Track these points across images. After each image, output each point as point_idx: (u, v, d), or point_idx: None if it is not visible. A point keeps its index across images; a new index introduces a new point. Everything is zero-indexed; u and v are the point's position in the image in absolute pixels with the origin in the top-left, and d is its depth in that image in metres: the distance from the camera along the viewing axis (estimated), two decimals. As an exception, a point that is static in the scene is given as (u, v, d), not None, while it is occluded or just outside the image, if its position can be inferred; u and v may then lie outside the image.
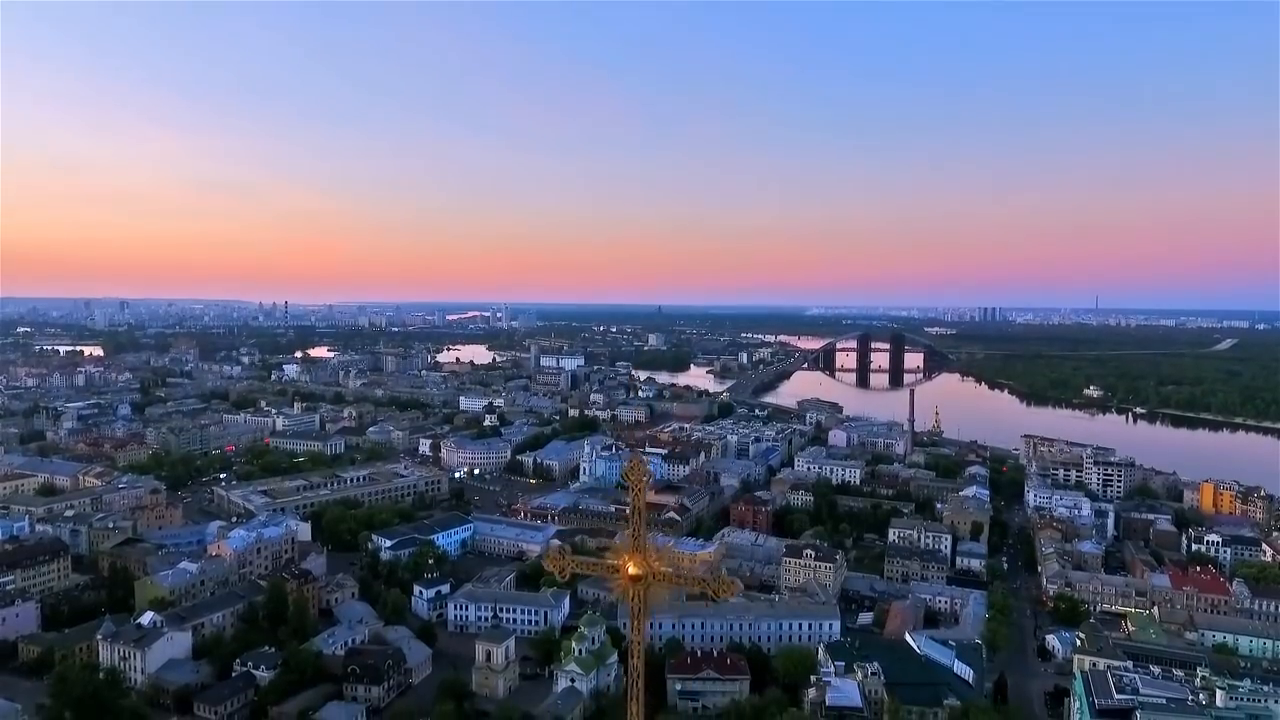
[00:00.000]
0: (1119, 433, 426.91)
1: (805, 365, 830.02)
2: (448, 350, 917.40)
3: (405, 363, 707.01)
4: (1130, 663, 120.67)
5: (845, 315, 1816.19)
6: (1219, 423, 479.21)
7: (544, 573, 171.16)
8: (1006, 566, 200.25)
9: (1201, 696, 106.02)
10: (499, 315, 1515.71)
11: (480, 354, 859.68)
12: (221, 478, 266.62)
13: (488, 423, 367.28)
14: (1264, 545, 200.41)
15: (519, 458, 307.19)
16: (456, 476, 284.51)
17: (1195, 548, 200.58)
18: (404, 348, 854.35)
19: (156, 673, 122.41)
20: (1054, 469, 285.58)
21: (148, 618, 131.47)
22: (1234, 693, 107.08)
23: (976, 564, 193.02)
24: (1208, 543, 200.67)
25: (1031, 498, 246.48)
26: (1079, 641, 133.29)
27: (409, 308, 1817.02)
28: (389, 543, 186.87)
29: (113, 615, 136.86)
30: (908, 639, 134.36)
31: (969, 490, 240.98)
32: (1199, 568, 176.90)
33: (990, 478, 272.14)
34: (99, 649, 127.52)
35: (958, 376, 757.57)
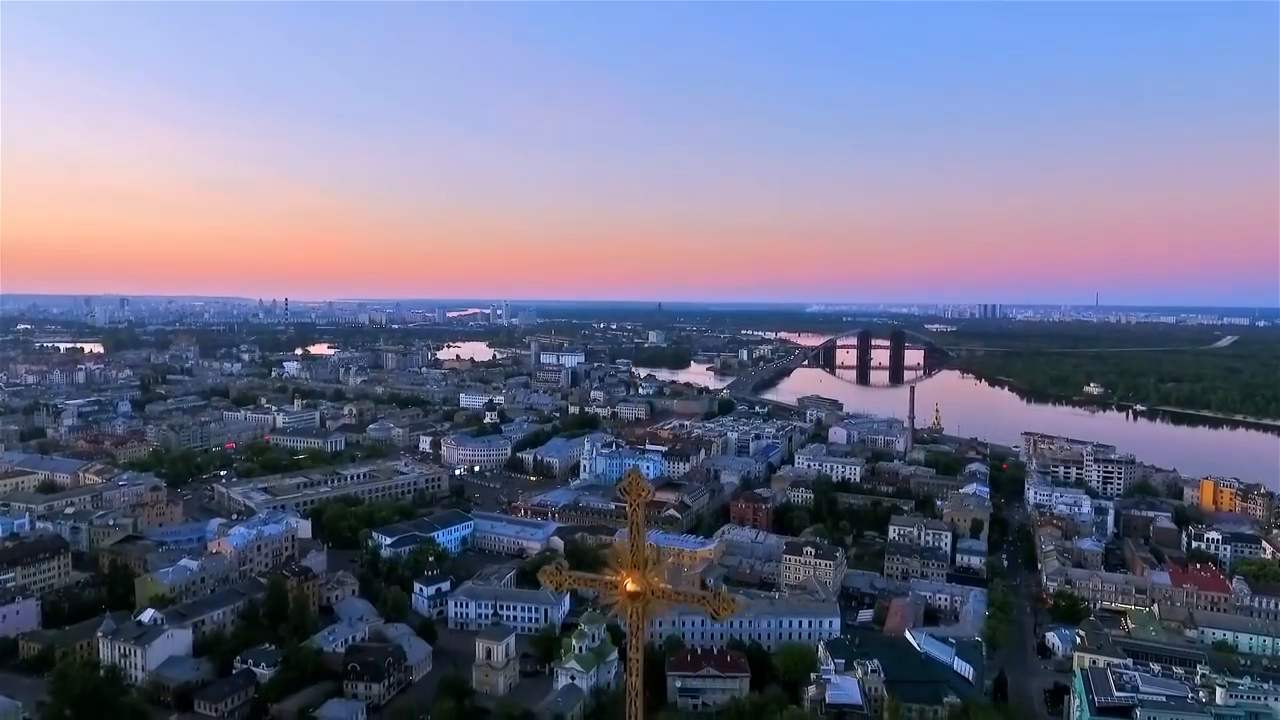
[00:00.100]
0: (1119, 430, 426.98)
1: (805, 362, 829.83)
2: (448, 347, 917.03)
3: (405, 360, 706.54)
4: (1130, 660, 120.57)
5: (845, 312, 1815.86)
6: (1219, 420, 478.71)
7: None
8: (1006, 564, 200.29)
9: (1201, 694, 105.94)
10: (499, 312, 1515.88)
11: (480, 351, 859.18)
12: (222, 475, 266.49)
13: (488, 420, 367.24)
14: (1264, 543, 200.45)
15: (519, 455, 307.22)
16: (457, 474, 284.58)
17: (1195, 545, 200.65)
18: (404, 345, 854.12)
19: (157, 670, 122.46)
20: (1054, 466, 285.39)
21: (148, 615, 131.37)
22: (1234, 690, 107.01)
23: (976, 561, 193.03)
24: (1208, 540, 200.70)
25: (1031, 495, 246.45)
26: (1079, 639, 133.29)
27: (409, 305, 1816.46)
28: (389, 540, 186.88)
29: (113, 612, 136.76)
30: (908, 636, 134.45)
31: (969, 487, 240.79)
32: (1199, 565, 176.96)
33: (990, 475, 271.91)
34: (99, 646, 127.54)
35: (958, 373, 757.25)
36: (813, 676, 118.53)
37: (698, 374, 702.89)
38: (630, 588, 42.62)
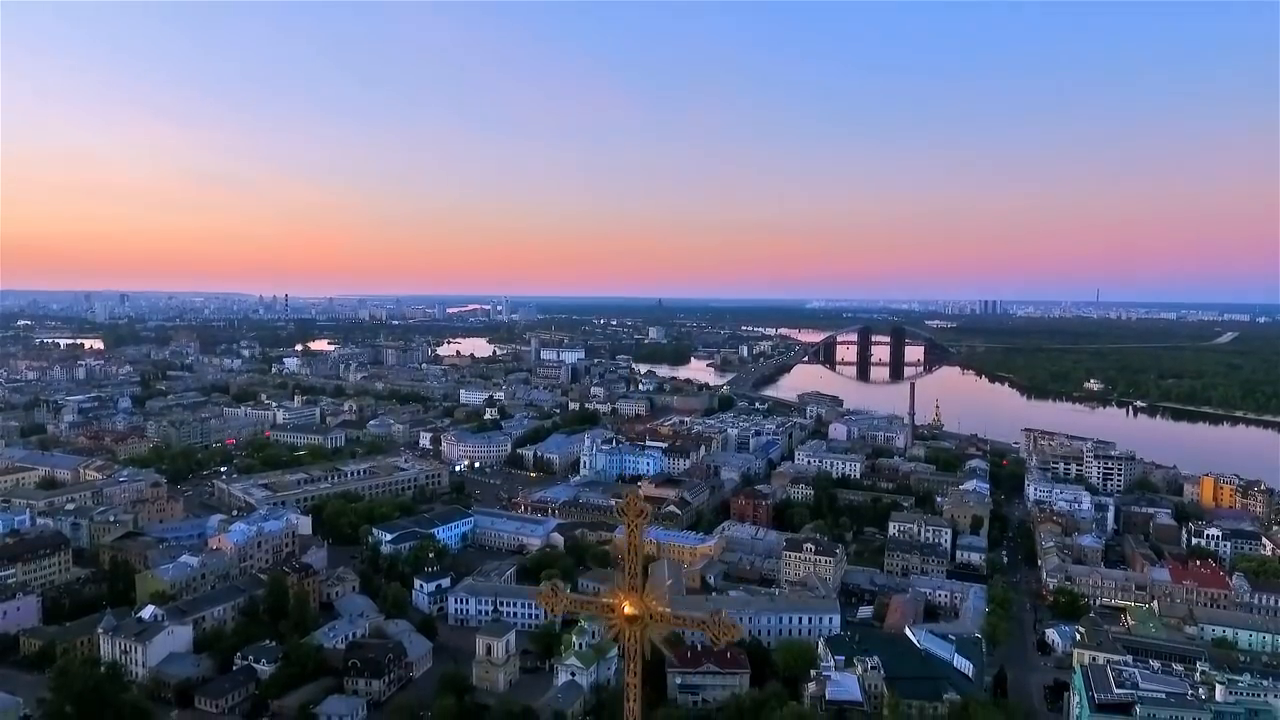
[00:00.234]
0: (1119, 426, 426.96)
1: (805, 358, 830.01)
2: (448, 343, 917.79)
3: (406, 356, 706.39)
4: (1130, 657, 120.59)
5: (846, 308, 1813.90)
6: (1219, 416, 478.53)
7: (544, 566, 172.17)
8: (1006, 560, 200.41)
9: (1201, 691, 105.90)
10: (499, 308, 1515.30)
11: (481, 347, 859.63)
12: (222, 471, 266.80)
13: (488, 416, 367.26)
14: (1264, 539, 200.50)
15: (519, 451, 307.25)
16: (457, 470, 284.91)
17: (1195, 541, 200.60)
18: (404, 341, 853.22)
19: (157, 666, 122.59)
20: (1054, 463, 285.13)
21: (148, 611, 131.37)
22: (1233, 687, 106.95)
23: (976, 558, 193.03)
24: (1208, 536, 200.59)
25: (1032, 491, 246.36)
26: (1079, 635, 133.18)
27: (409, 301, 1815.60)
28: (389, 536, 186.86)
29: (113, 609, 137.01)
30: (907, 633, 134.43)
31: (969, 484, 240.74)
32: (1199, 562, 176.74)
33: (990, 471, 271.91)
34: (100, 643, 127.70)
35: (958, 370, 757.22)
36: (813, 673, 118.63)
37: (698, 370, 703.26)
38: (628, 611, 41.32)
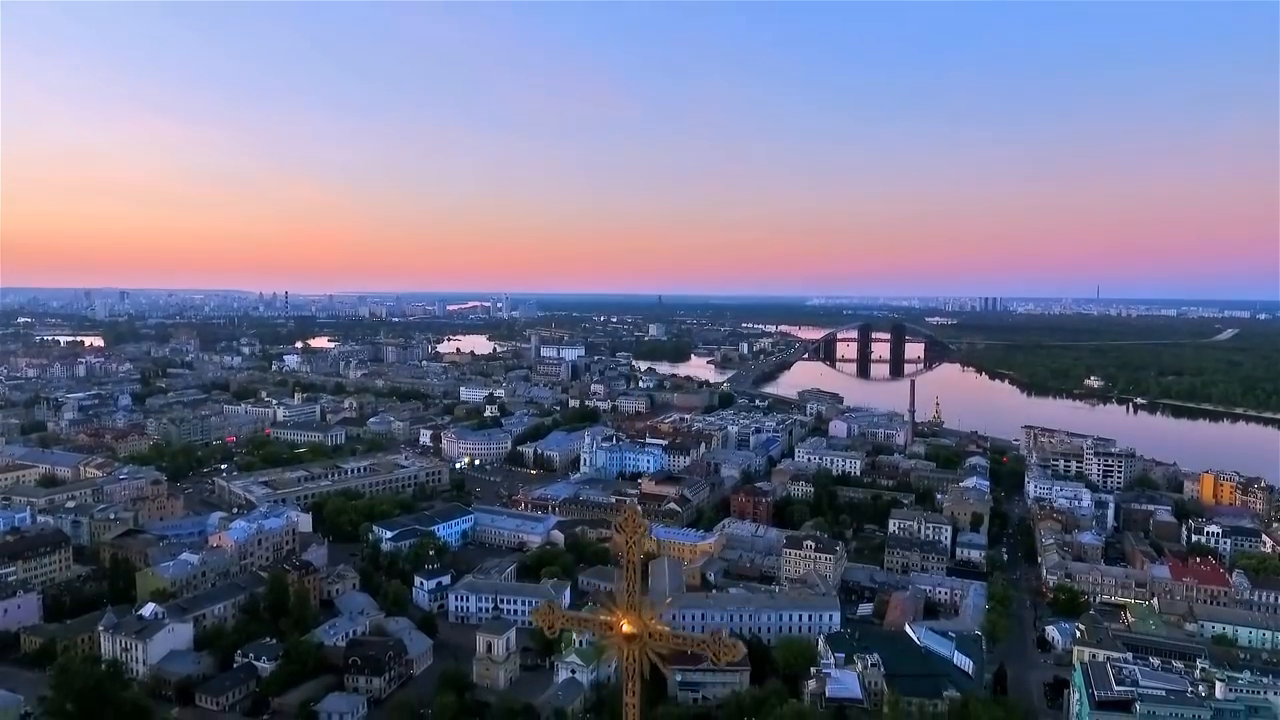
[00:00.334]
0: (1119, 423, 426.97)
1: (806, 355, 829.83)
2: (448, 340, 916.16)
3: (406, 353, 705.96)
4: (1130, 654, 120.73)
5: (846, 305, 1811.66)
6: (1219, 413, 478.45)
7: (545, 563, 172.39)
8: (1006, 557, 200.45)
9: (1201, 688, 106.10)
10: (499, 305, 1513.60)
11: (481, 344, 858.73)
12: (222, 469, 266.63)
13: (488, 413, 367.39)
14: (1264, 536, 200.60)
15: (519, 448, 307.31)
16: (457, 467, 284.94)
17: (1195, 539, 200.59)
18: (404, 338, 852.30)
19: (158, 664, 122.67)
20: (1054, 460, 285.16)
21: (149, 609, 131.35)
22: (1233, 684, 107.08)
23: (976, 555, 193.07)
24: (1208, 534, 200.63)
25: (1032, 488, 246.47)
26: (1079, 633, 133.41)
27: (409, 298, 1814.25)
28: (390, 534, 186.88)
29: (114, 606, 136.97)
30: (907, 630, 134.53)
31: (969, 481, 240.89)
32: (1199, 559, 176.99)
33: (990, 468, 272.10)
34: (100, 640, 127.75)
35: (958, 367, 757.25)
36: (813, 670, 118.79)
37: (698, 367, 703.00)
38: (626, 630, 40.02)
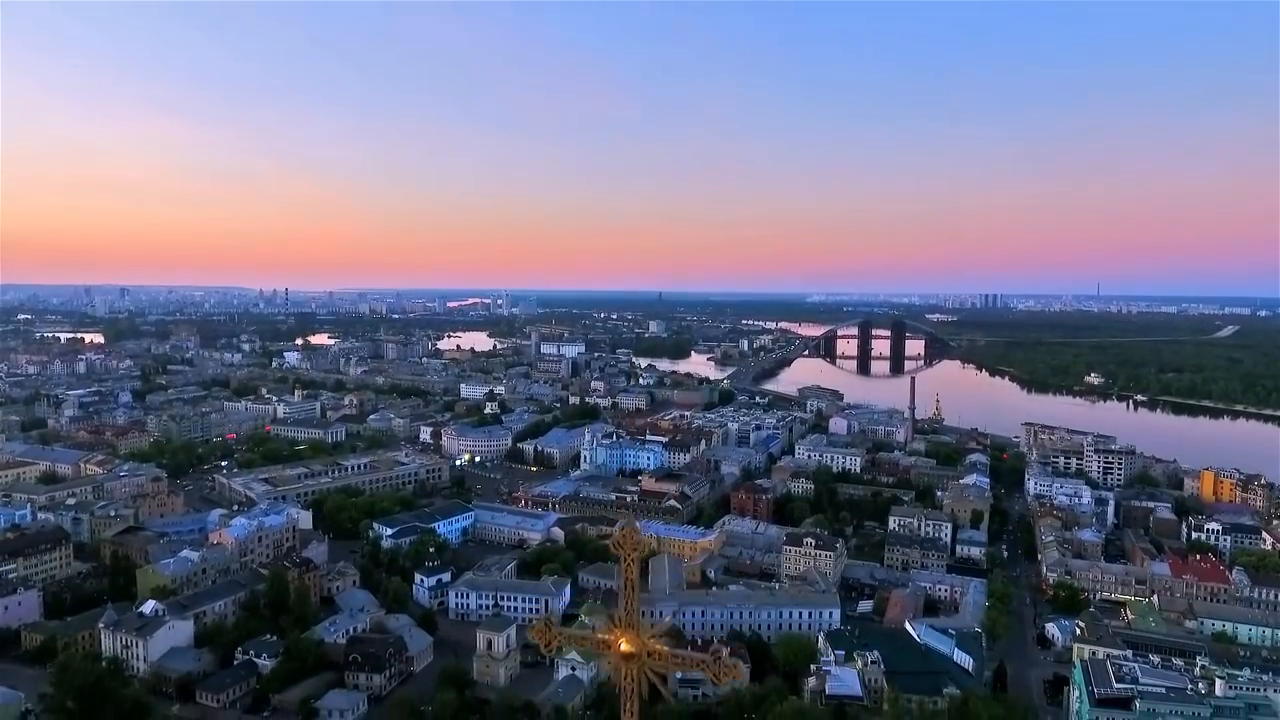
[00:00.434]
0: (1120, 420, 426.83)
1: (806, 352, 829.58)
2: (448, 337, 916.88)
3: (406, 350, 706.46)
4: (1130, 651, 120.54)
5: (846, 302, 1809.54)
6: (1220, 410, 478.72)
7: (545, 560, 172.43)
8: (1006, 554, 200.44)
9: (1201, 685, 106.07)
10: (500, 302, 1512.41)
11: (481, 341, 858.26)
12: (223, 465, 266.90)
13: (488, 410, 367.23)
14: (1264, 533, 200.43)
15: (520, 445, 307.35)
16: (457, 464, 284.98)
17: (1195, 536, 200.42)
18: (405, 335, 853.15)
19: (158, 661, 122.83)
20: (1054, 457, 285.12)
21: (149, 606, 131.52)
22: (1233, 682, 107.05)
23: (976, 552, 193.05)
24: (1208, 531, 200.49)
25: (1032, 485, 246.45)
26: (1078, 630, 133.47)
27: (410, 294, 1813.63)
28: (390, 531, 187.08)
29: (114, 604, 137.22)
30: (908, 627, 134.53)
31: (969, 478, 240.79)
32: (1199, 556, 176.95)
33: (991, 465, 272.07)
34: (101, 637, 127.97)
35: (959, 363, 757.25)
36: (813, 667, 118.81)
37: (698, 364, 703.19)
38: (624, 648, 39.22)
